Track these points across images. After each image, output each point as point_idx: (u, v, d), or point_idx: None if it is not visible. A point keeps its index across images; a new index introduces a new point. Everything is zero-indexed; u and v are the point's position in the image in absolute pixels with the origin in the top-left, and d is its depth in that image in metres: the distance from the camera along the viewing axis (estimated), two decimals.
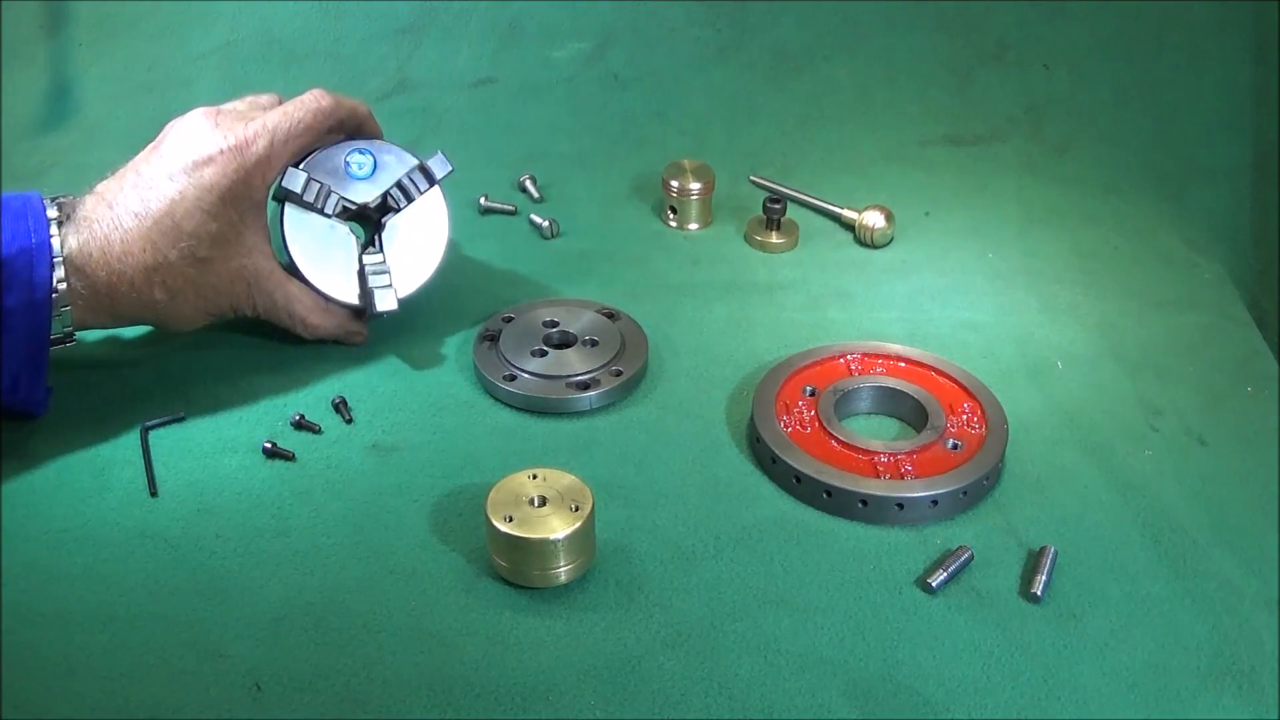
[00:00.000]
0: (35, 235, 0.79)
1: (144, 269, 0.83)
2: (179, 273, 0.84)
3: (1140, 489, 0.82)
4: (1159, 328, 0.99)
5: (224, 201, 0.85)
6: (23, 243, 0.78)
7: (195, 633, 0.71)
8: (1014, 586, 0.74)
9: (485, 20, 1.32)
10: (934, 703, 0.67)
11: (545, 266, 1.07)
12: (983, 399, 0.86)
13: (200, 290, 0.86)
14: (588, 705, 0.67)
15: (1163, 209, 1.16)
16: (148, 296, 0.84)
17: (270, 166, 0.87)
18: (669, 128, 1.28)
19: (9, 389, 0.81)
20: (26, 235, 0.79)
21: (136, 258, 0.82)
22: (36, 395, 0.83)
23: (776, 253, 1.09)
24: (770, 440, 0.82)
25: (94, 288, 0.82)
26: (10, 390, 0.81)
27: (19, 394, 0.82)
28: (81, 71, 1.29)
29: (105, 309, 0.84)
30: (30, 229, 0.79)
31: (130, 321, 0.88)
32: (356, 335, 0.95)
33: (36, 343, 0.81)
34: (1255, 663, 0.69)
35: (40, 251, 0.79)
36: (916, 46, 1.30)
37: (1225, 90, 1.23)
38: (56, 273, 0.80)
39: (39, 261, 0.79)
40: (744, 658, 0.69)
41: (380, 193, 0.95)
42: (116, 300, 0.83)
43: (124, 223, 0.83)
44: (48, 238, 0.80)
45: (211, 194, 0.84)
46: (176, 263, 0.84)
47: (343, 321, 0.94)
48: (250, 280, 0.88)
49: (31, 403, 0.84)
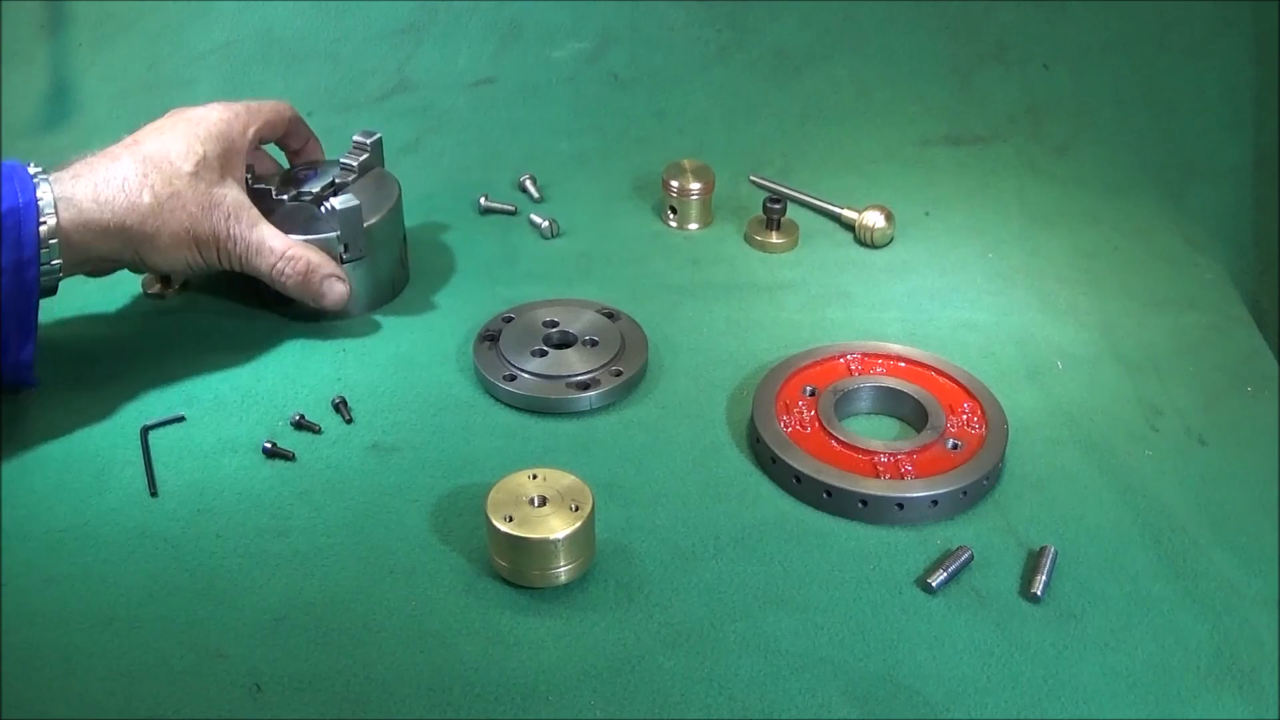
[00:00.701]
0: (22, 195, 0.80)
1: (136, 174, 0.85)
2: (167, 181, 0.86)
3: (1140, 489, 0.82)
4: (1159, 328, 0.99)
5: (210, 135, 0.90)
6: (10, 202, 0.80)
7: (195, 633, 0.71)
8: (1014, 586, 0.74)
9: (485, 20, 1.32)
10: (934, 703, 0.67)
11: (545, 266, 1.07)
12: (983, 399, 0.86)
13: (185, 204, 0.87)
14: (588, 705, 0.67)
15: (1163, 208, 1.16)
16: (136, 201, 0.85)
17: (249, 120, 0.94)
18: (669, 128, 1.28)
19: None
20: (14, 195, 0.80)
21: (127, 167, 0.85)
22: (24, 359, 0.84)
23: (776, 253, 1.09)
24: (770, 440, 0.82)
25: (80, 218, 0.83)
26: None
27: (6, 358, 0.83)
28: (81, 71, 1.29)
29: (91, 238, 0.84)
30: (17, 189, 0.80)
31: (112, 254, 0.87)
32: (337, 280, 0.94)
33: (25, 303, 0.82)
34: (1255, 663, 0.69)
35: (28, 210, 0.80)
36: (916, 46, 1.30)
37: (1226, 90, 1.23)
38: (45, 225, 0.81)
39: (26, 219, 0.80)
40: (744, 658, 0.69)
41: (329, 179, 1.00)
42: (102, 222, 0.84)
43: (110, 150, 0.87)
44: (34, 198, 0.81)
45: (199, 126, 0.90)
46: (165, 172, 0.86)
47: (320, 259, 0.94)
48: (231, 211, 0.90)
49: (20, 368, 0.84)
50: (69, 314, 0.99)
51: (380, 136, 1.02)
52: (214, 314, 1.00)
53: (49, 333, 0.96)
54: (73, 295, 1.00)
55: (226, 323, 0.98)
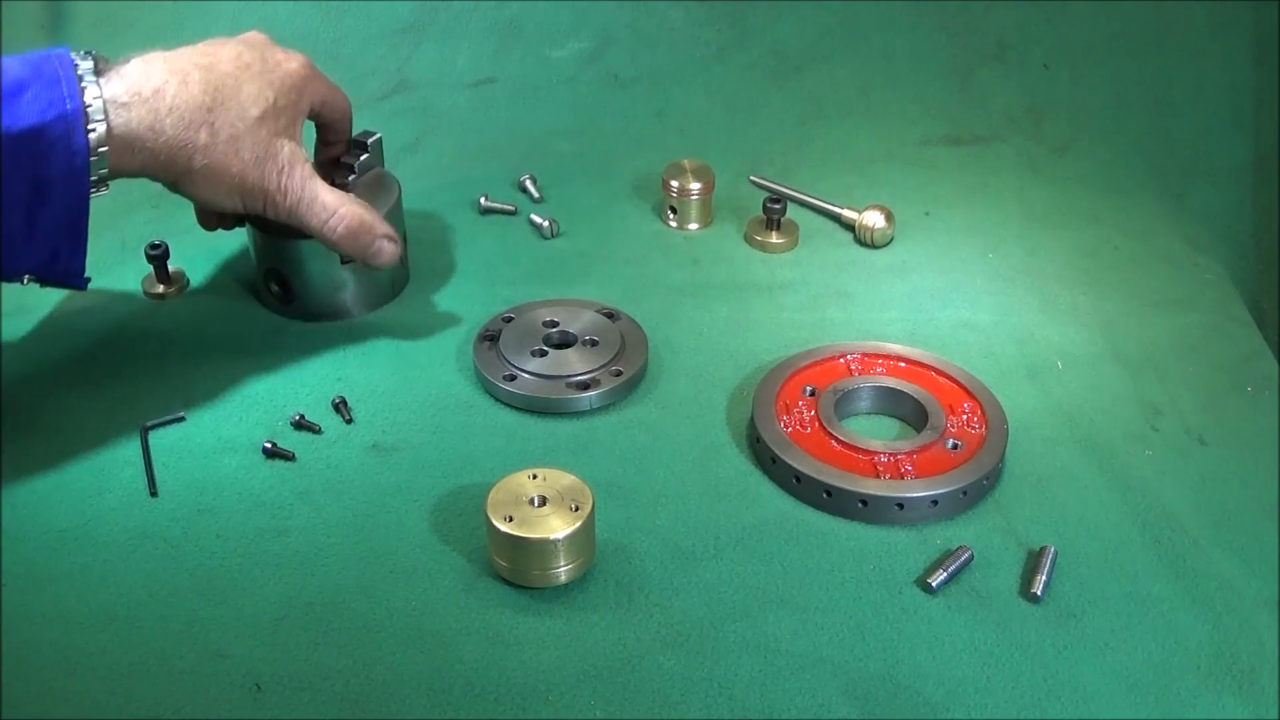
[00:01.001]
0: (70, 101, 0.77)
1: (200, 107, 0.82)
2: (230, 121, 0.84)
3: (1140, 489, 0.82)
4: (1159, 328, 0.99)
5: (285, 85, 0.88)
6: (59, 109, 0.76)
7: (195, 633, 0.71)
8: (1014, 586, 0.74)
9: (485, 20, 1.32)
10: (934, 703, 0.67)
11: (545, 266, 1.07)
12: (983, 399, 0.86)
13: (242, 147, 0.84)
14: (587, 705, 0.67)
15: (1163, 209, 1.16)
16: (192, 138, 0.82)
17: (320, 88, 0.93)
18: (669, 128, 1.28)
19: (48, 260, 0.81)
20: (61, 101, 0.77)
21: (194, 96, 0.82)
22: (76, 266, 0.83)
23: (776, 253, 1.09)
24: (770, 440, 0.82)
25: (128, 138, 0.80)
26: (49, 262, 0.81)
27: (58, 265, 0.82)
28: None
29: (138, 160, 0.81)
30: (65, 94, 0.77)
31: (152, 176, 0.84)
32: (388, 240, 0.92)
33: (76, 212, 0.80)
34: (1255, 663, 0.69)
35: (76, 117, 0.77)
36: (916, 46, 1.30)
37: (1226, 90, 1.23)
38: (95, 133, 0.78)
39: (75, 127, 0.77)
40: (744, 658, 0.69)
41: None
42: (152, 148, 0.81)
43: (183, 67, 0.83)
44: (81, 104, 0.77)
45: (276, 73, 0.88)
46: (231, 113, 0.84)
47: (373, 218, 0.91)
48: (286, 164, 0.87)
49: (71, 274, 0.83)
50: (69, 314, 0.99)
51: (380, 136, 1.02)
52: (214, 314, 1.00)
53: (49, 333, 0.97)
54: (72, 295, 1.01)
55: (226, 323, 0.98)
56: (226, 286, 1.03)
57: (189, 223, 1.12)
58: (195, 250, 1.06)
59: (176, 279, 1.02)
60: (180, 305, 1.01)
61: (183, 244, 1.05)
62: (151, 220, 1.13)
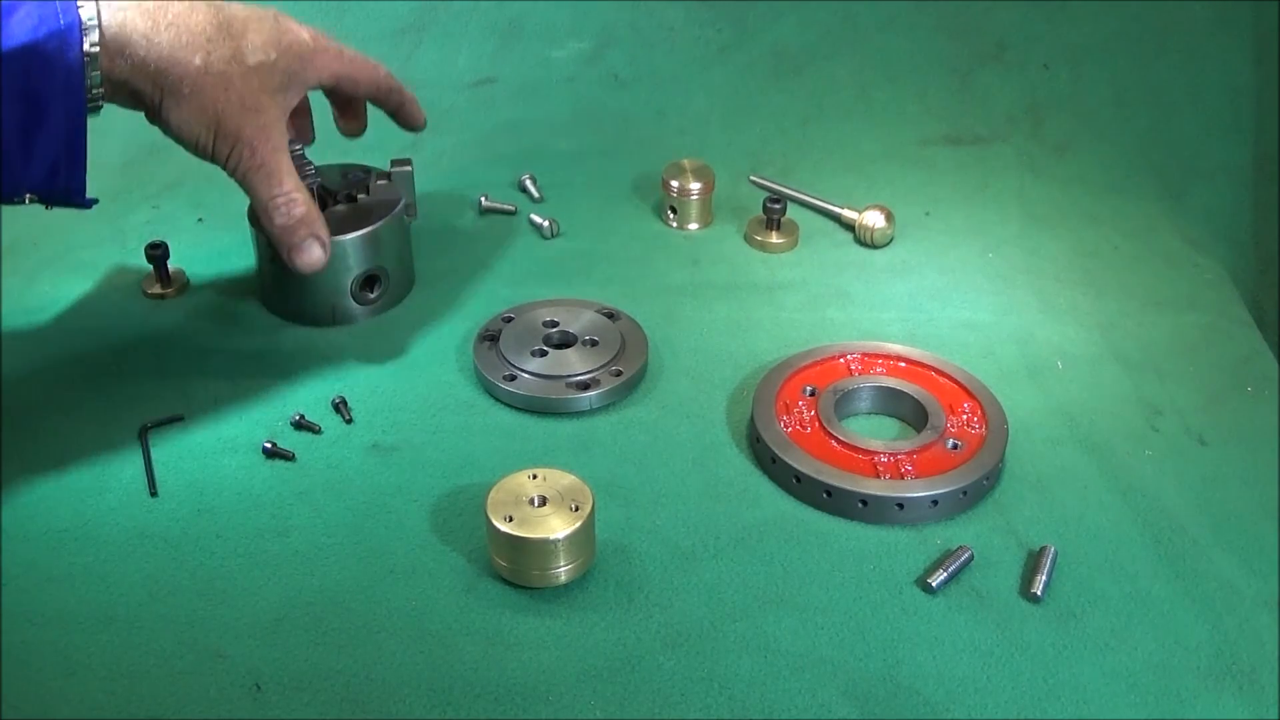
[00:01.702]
0: (64, 15, 0.76)
1: (201, 33, 0.81)
2: (225, 57, 0.82)
3: (1140, 489, 0.82)
4: (1159, 327, 0.99)
5: (290, 50, 0.86)
6: (51, 25, 0.75)
7: (195, 633, 0.71)
8: (1014, 586, 0.74)
9: (485, 20, 1.32)
10: (934, 702, 0.67)
11: (545, 266, 1.07)
12: (983, 399, 0.86)
13: (227, 89, 0.82)
14: (587, 705, 0.67)
15: (1163, 208, 1.16)
16: (185, 59, 0.80)
17: (333, 62, 0.91)
18: (669, 128, 1.28)
19: (47, 177, 0.80)
20: (55, 17, 0.76)
21: (197, 21, 0.81)
22: (76, 183, 0.81)
23: (776, 253, 1.09)
24: (770, 440, 0.82)
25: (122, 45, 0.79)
26: (49, 178, 0.80)
27: (58, 182, 0.80)
28: None
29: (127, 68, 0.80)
30: (58, 10, 0.76)
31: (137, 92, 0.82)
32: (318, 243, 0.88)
33: (73, 128, 0.79)
34: (1255, 663, 0.69)
35: (71, 32, 0.76)
36: (916, 46, 1.30)
37: (1225, 90, 1.23)
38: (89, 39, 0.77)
39: (70, 43, 0.76)
40: (744, 658, 0.69)
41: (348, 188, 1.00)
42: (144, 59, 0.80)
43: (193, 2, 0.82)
44: (78, 20, 0.76)
45: (285, 36, 0.86)
46: (228, 50, 0.82)
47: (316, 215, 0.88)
48: (266, 124, 0.85)
49: (72, 191, 0.82)
50: (69, 314, 0.99)
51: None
52: (214, 314, 1.00)
53: (49, 333, 0.97)
54: (72, 295, 1.01)
55: (226, 322, 0.98)
56: (226, 286, 1.03)
57: (188, 223, 1.13)
58: (195, 250, 1.07)
59: (176, 279, 1.02)
60: (180, 305, 1.01)
61: (182, 244, 1.05)
62: (151, 220, 1.13)
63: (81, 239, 1.09)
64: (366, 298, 0.98)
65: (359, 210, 0.97)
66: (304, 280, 0.94)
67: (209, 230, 1.11)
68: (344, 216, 0.97)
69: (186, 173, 1.19)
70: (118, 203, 1.15)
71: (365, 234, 0.95)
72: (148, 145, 1.22)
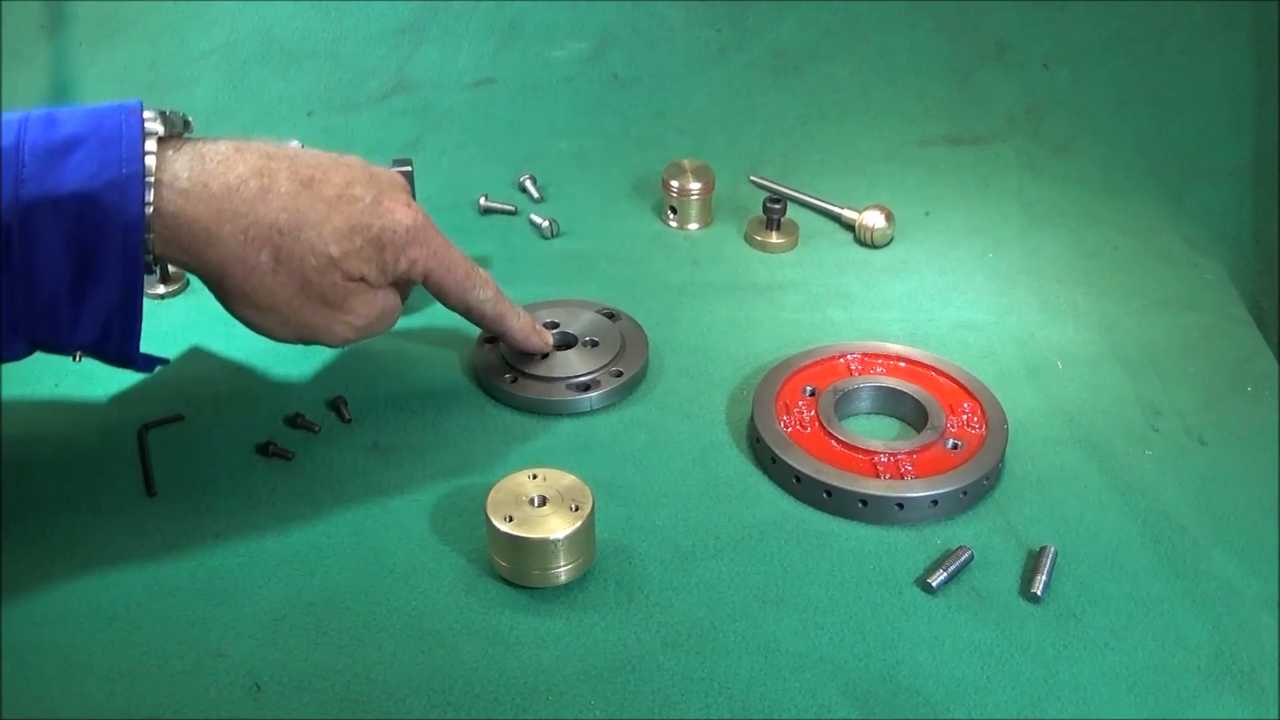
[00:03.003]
0: (128, 164, 0.68)
1: (272, 225, 0.72)
2: (299, 253, 0.73)
3: (1140, 489, 0.82)
4: (1159, 327, 0.99)
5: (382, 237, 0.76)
6: (112, 173, 0.67)
7: (195, 633, 0.71)
8: (1014, 586, 0.74)
9: (485, 20, 1.32)
10: (934, 702, 0.67)
11: (545, 266, 1.07)
12: (983, 399, 0.86)
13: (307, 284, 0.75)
14: (587, 705, 0.67)
15: (1163, 209, 1.16)
16: (251, 256, 0.72)
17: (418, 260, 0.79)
18: (669, 128, 1.28)
19: (99, 339, 0.72)
20: (118, 164, 0.68)
21: (269, 210, 0.72)
22: (131, 347, 0.73)
23: (776, 253, 1.09)
24: (770, 440, 0.82)
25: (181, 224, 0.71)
26: (100, 340, 0.72)
27: (110, 344, 0.72)
28: (81, 71, 1.29)
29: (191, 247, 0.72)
30: (123, 155, 0.68)
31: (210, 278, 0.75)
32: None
33: (129, 288, 0.70)
34: (1255, 663, 0.69)
35: (134, 183, 0.68)
36: (916, 46, 1.30)
37: (1226, 90, 1.23)
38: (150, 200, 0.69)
39: (131, 196, 0.68)
40: (744, 658, 0.69)
41: None
42: (207, 245, 0.71)
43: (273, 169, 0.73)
44: (142, 168, 0.68)
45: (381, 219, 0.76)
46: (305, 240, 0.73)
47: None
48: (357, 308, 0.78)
49: (127, 354, 0.74)
50: None
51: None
52: (213, 313, 0.99)
53: None
54: None
55: (225, 322, 0.98)
56: None
57: None
58: None
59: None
60: (180, 304, 1.01)
61: None
62: None
63: None
64: None
65: None
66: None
67: None
68: None
69: None
70: None
71: None
72: None
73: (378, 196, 0.77)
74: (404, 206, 0.78)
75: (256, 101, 1.28)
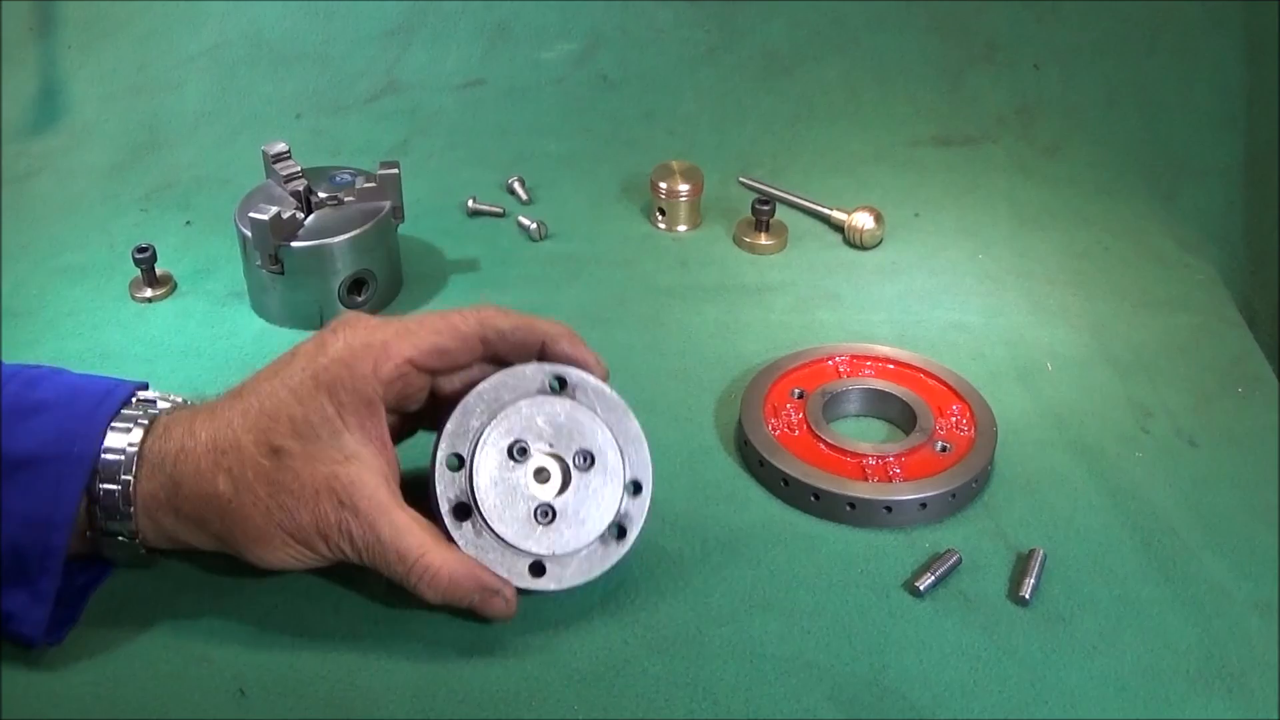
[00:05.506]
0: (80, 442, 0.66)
1: (210, 447, 0.68)
2: (250, 461, 0.67)
3: (1130, 491, 0.81)
4: (1150, 329, 0.99)
5: (316, 383, 0.68)
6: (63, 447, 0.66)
7: (179, 637, 0.70)
8: (1002, 590, 0.74)
9: (474, 22, 1.32)
10: (920, 707, 0.66)
11: (533, 269, 1.06)
12: (972, 401, 0.86)
13: (274, 493, 0.67)
14: (572, 709, 0.66)
15: (1154, 209, 1.15)
16: (210, 488, 0.68)
17: (387, 356, 0.69)
18: (658, 129, 1.27)
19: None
20: (70, 438, 0.67)
21: (205, 431, 0.69)
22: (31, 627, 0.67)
23: (765, 254, 1.09)
24: (758, 443, 0.82)
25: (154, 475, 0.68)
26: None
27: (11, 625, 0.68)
28: (70, 74, 1.28)
29: (166, 507, 0.69)
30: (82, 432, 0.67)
31: (197, 533, 0.70)
32: (496, 599, 0.69)
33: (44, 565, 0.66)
34: (1245, 666, 0.69)
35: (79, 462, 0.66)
36: (906, 47, 1.30)
37: (1217, 90, 1.23)
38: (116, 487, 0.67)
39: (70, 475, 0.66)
40: (729, 662, 0.69)
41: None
42: (179, 494, 0.68)
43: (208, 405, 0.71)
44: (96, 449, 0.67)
45: (303, 372, 0.69)
46: (249, 447, 0.67)
47: (477, 571, 0.69)
48: (342, 496, 0.67)
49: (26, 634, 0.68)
50: (57, 318, 0.98)
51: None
52: (202, 317, 0.99)
53: (36, 338, 0.96)
54: (67, 297, 1.00)
55: (215, 326, 0.98)
56: (215, 290, 1.02)
57: (176, 225, 1.12)
58: (183, 253, 1.06)
59: (164, 282, 1.02)
60: (168, 308, 1.00)
61: (170, 247, 1.04)
62: (139, 223, 1.12)
63: (70, 242, 1.08)
64: (354, 301, 0.98)
65: (346, 213, 0.97)
66: (292, 284, 0.94)
67: (197, 233, 1.11)
68: (331, 219, 0.96)
69: (175, 176, 1.19)
70: (106, 206, 1.14)
71: (353, 237, 0.95)
72: (135, 148, 1.22)
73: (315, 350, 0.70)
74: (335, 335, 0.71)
75: (245, 103, 1.27)
